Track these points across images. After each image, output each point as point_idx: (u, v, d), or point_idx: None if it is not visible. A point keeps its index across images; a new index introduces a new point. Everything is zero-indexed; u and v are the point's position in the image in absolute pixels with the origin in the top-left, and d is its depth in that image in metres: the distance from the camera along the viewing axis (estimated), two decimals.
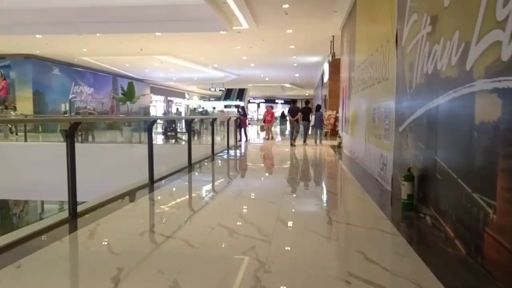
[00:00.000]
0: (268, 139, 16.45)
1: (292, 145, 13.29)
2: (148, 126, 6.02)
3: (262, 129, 19.06)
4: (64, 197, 4.06)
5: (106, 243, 3.29)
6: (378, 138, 6.29)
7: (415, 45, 4.36)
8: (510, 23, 2.34)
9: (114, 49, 18.59)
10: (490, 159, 2.59)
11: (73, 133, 4.02)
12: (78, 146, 4.08)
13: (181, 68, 24.51)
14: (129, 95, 17.55)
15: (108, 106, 27.15)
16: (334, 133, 18.39)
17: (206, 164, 8.70)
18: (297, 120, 13.87)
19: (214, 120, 10.85)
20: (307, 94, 48.73)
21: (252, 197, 5.18)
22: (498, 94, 2.47)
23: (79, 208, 4.12)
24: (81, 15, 13.06)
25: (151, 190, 5.63)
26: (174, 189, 5.85)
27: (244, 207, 4.63)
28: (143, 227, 3.76)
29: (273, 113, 17.56)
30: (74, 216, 3.95)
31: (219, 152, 10.81)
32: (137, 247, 3.19)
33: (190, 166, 7.90)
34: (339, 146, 12.32)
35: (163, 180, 6.33)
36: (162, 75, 29.03)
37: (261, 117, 21.17)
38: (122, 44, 17.61)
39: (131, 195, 5.14)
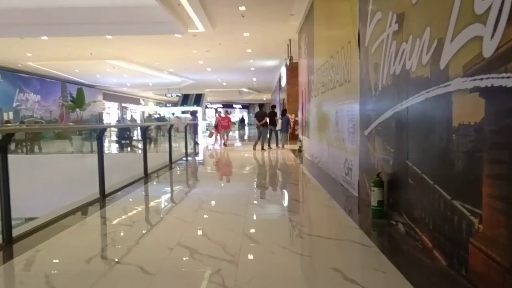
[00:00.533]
0: (225, 144, 15.99)
1: (254, 149, 13.21)
2: (98, 135, 5.51)
3: (210, 135, 18.13)
4: (15, 214, 3.56)
5: (45, 274, 2.82)
6: (342, 142, 6.13)
7: (380, 45, 4.20)
8: (492, 16, 2.16)
9: (62, 53, 17.56)
10: (473, 164, 2.41)
11: (5, 146, 3.50)
12: (21, 157, 3.58)
13: (135, 73, 23.64)
14: (78, 101, 16.56)
15: (57, 114, 25.70)
16: (293, 137, 18.35)
17: (163, 173, 8.22)
18: (263, 125, 13.80)
19: (171, 126, 10.36)
20: (264, 99, 48.82)
21: (214, 209, 4.82)
22: (481, 93, 2.29)
23: (16, 232, 3.59)
24: (23, 16, 12.13)
25: (102, 205, 5.12)
26: (128, 203, 5.36)
27: (206, 221, 4.27)
28: (91, 251, 3.29)
29: (229, 119, 17.24)
30: (9, 241, 3.43)
31: (177, 160, 10.34)
32: (82, 278, 2.74)
33: (146, 177, 7.40)
34: (300, 150, 12.20)
35: (116, 193, 5.82)
36: (115, 80, 27.91)
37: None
38: (70, 48, 16.64)
39: (78, 212, 4.62)
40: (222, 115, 17.27)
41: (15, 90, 22.24)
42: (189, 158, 11.24)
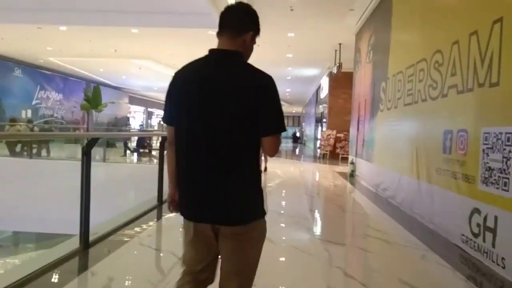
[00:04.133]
0: (264, 169, 9.80)
1: None
2: (86, 147, 3.47)
3: None
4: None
5: None
6: (467, 180, 3.89)
7: None
8: None
9: (84, 49, 15.97)
10: None
11: None
12: (20, 162, 1.64)
13: (162, 76, 21.92)
14: (94, 102, 14.77)
15: (80, 115, 24.24)
16: (334, 155, 16.20)
17: None
18: None
19: None
20: (294, 111, 46.72)
21: None
22: None
23: None
24: (39, 1, 10.53)
25: (81, 266, 3.08)
26: (117, 268, 3.27)
27: None
28: None
29: None
30: None
31: None
32: None
33: (160, 205, 5.35)
34: (352, 175, 9.95)
35: (109, 239, 3.77)
36: (141, 83, 26.45)
37: None
38: (93, 44, 15.02)
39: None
40: None
41: (36, 87, 20.91)
42: None
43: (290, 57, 15.81)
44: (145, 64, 18.41)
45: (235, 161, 1.50)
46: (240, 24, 1.61)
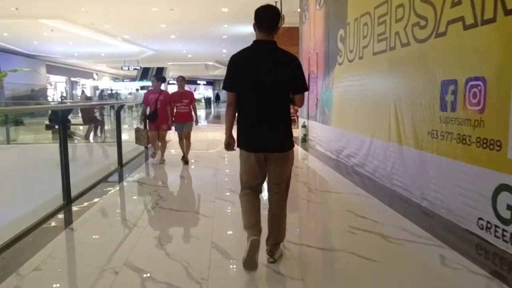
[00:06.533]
0: (185, 160, 6.54)
1: None
2: None
3: (146, 139, 6.58)
4: None
5: None
6: (487, 147, 2.87)
7: None
8: None
9: None
10: None
11: None
12: None
13: (82, 40, 19.29)
14: None
15: None
16: None
17: (104, 193, 4.68)
18: None
19: (120, 108, 6.72)
20: None
21: None
22: None
23: None
24: None
25: None
26: None
27: None
28: None
29: (192, 96, 6.69)
30: None
31: (133, 159, 6.80)
32: None
33: (68, 206, 3.89)
34: (304, 139, 8.94)
35: None
36: (59, 49, 23.27)
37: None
38: None
39: None
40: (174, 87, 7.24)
41: None
42: (150, 156, 7.69)
43: (225, 12, 14.18)
44: (57, 25, 15.74)
45: (280, 112, 2.51)
46: (275, 24, 2.49)
